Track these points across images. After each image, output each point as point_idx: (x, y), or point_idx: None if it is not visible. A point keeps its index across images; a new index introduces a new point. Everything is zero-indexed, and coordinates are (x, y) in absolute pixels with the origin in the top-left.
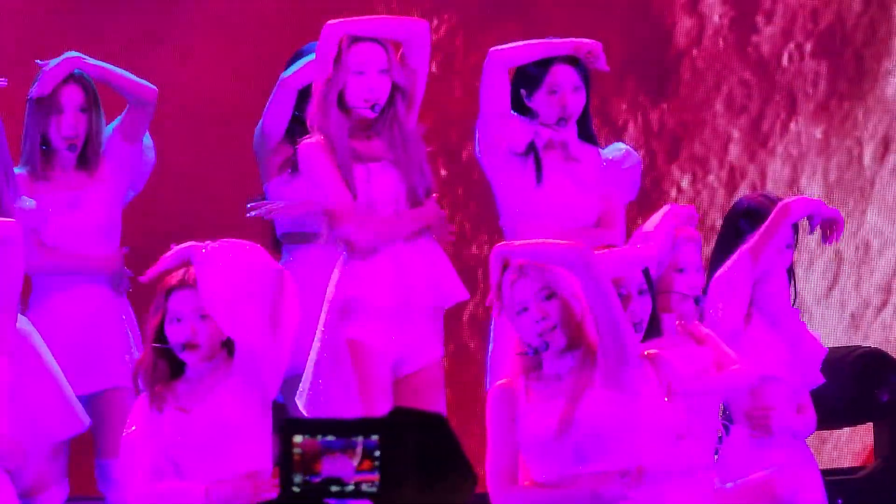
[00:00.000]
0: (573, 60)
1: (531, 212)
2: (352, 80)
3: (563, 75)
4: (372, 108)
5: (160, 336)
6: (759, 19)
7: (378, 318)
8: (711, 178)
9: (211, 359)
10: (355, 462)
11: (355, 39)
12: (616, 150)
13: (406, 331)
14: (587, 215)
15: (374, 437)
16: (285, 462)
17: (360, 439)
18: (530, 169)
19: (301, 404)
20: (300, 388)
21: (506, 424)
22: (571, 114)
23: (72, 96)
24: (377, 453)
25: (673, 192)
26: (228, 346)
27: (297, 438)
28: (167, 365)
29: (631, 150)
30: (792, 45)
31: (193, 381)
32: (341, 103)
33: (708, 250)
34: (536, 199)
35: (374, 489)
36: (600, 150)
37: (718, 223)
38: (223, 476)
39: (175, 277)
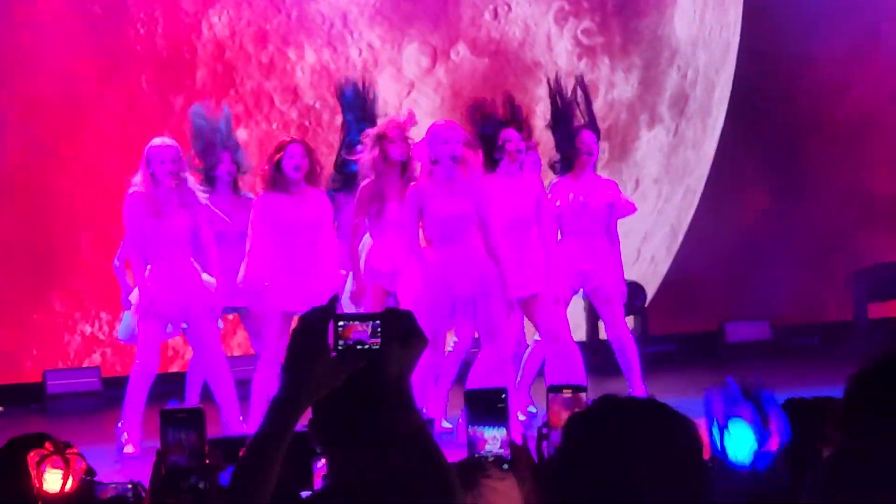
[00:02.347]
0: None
1: None
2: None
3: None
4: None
5: None
6: None
7: None
8: None
9: None
10: (369, 332)
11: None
12: None
13: None
14: None
15: (377, 321)
16: (334, 334)
17: (370, 321)
18: None
19: None
20: None
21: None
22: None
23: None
24: (379, 329)
25: None
26: None
27: (340, 322)
28: None
29: None
30: None
31: None
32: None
33: None
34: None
35: (378, 347)
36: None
37: None
38: None
39: None
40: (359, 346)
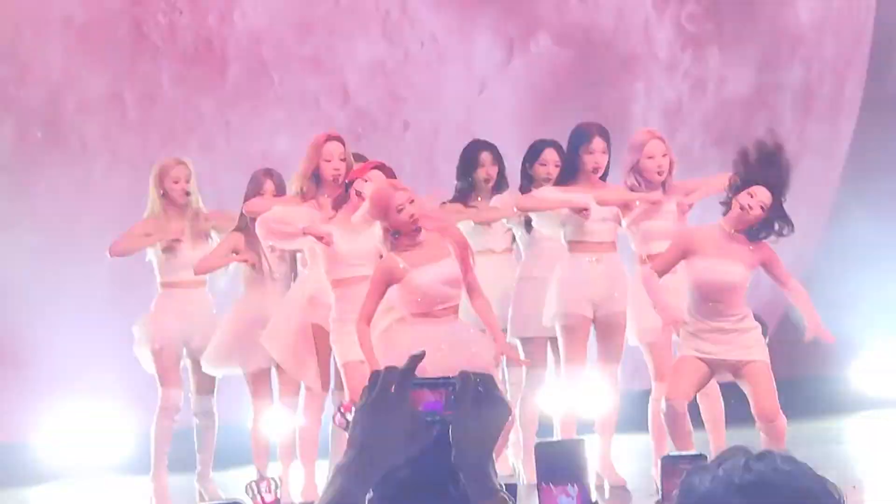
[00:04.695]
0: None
1: None
2: None
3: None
4: None
5: None
6: None
7: None
8: None
9: None
10: (443, 402)
11: None
12: None
13: None
14: None
15: (451, 387)
16: None
17: (443, 388)
18: None
19: None
20: None
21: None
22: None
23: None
24: (452, 397)
25: None
26: None
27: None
28: None
29: None
30: None
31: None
32: None
33: None
34: None
35: (452, 419)
36: None
37: None
38: None
39: None
40: (429, 419)
